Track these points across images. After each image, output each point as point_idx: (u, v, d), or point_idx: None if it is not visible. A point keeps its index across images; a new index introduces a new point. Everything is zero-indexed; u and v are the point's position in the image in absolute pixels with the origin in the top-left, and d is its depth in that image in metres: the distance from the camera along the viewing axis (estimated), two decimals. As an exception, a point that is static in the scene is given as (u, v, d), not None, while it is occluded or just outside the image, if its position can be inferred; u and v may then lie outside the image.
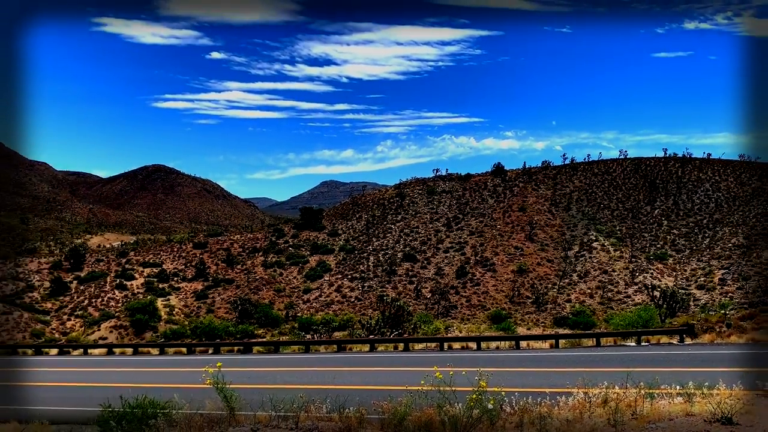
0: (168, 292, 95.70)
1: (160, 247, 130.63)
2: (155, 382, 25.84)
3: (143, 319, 76.92)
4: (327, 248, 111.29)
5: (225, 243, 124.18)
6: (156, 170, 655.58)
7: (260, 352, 40.13)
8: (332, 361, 32.41)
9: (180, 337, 61.34)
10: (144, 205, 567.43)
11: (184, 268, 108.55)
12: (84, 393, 25.88)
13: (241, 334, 60.29)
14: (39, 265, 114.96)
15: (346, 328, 58.52)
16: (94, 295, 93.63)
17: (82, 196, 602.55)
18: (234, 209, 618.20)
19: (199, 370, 25.16)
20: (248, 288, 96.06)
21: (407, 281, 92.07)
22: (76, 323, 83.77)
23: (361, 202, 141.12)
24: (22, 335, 77.37)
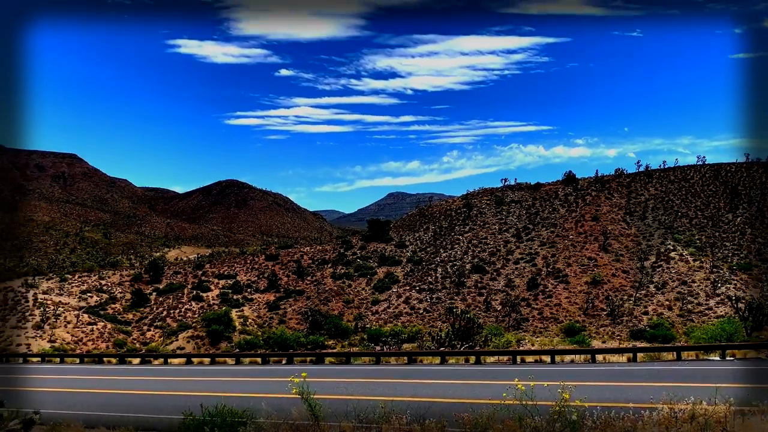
0: (242, 303, 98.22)
1: (233, 260, 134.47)
2: (239, 392, 26.59)
3: (218, 330, 79.16)
4: (394, 260, 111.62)
5: (295, 255, 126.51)
6: (229, 185, 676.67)
7: (332, 363, 40.61)
8: (405, 373, 32.45)
9: (254, 347, 62.86)
10: (218, 218, 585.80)
11: (257, 280, 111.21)
12: (168, 401, 26.88)
13: (312, 344, 61.24)
14: (121, 278, 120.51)
15: (415, 340, 58.50)
16: (172, 307, 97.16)
17: (160, 211, 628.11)
18: (303, 222, 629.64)
19: (278, 379, 25.79)
20: (318, 299, 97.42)
21: (476, 293, 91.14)
22: (155, 333, 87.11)
23: (428, 213, 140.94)
24: (106, 345, 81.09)
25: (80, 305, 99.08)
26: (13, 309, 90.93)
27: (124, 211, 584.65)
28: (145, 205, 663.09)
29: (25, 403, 20.82)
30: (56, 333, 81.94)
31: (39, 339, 79.41)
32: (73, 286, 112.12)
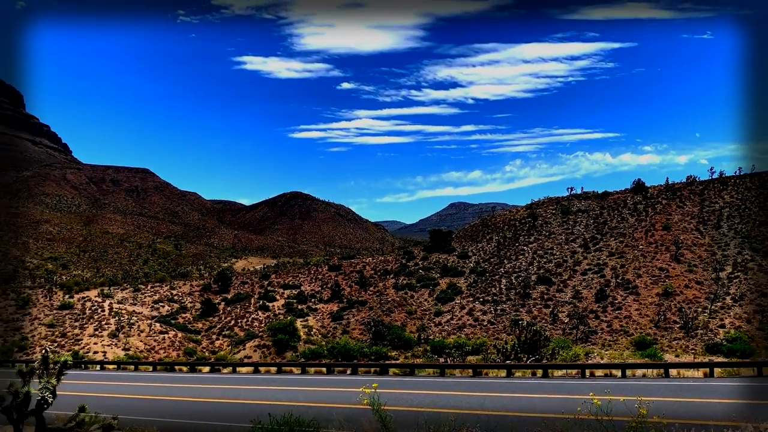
0: (306, 312, 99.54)
1: (298, 270, 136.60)
2: (307, 401, 26.90)
3: (284, 339, 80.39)
4: (457, 270, 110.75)
5: (358, 266, 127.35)
6: (293, 197, 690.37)
7: (396, 374, 40.54)
8: (471, 385, 32.04)
9: (318, 357, 63.48)
10: (283, 230, 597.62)
11: (321, 290, 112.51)
12: (237, 409, 27.44)
13: (375, 355, 61.29)
14: (191, 288, 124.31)
15: (479, 353, 57.69)
16: (239, 316, 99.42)
17: (227, 222, 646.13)
18: (365, 232, 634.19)
19: (344, 389, 25.96)
20: (381, 310, 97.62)
21: (542, 305, 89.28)
22: (223, 342, 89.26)
23: (491, 223, 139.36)
24: (177, 353, 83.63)
25: (153, 314, 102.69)
26: (91, 318, 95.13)
27: (194, 223, 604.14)
28: (213, 217, 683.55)
29: (103, 409, 21.67)
30: (130, 341, 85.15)
31: (114, 347, 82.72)
32: (146, 296, 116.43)
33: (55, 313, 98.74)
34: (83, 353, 77.08)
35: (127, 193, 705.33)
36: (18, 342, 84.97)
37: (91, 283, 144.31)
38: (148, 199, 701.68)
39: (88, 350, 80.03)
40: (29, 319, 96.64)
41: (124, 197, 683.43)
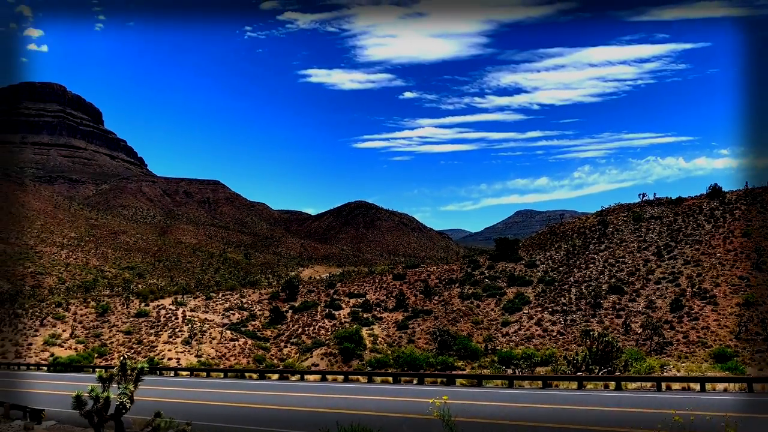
0: (371, 321, 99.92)
1: (363, 279, 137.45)
2: (375, 410, 26.89)
3: (350, 348, 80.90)
4: (525, 280, 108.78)
5: (422, 275, 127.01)
6: (358, 206, 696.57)
7: (463, 385, 40.04)
8: (541, 397, 31.27)
9: (384, 366, 63.52)
10: (348, 239, 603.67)
11: (386, 299, 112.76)
12: (306, 417, 27.70)
13: (441, 365, 60.80)
14: (260, 296, 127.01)
15: (548, 364, 56.34)
16: (306, 324, 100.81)
17: (294, 232, 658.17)
18: (429, 241, 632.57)
19: (411, 399, 25.78)
20: (446, 319, 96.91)
21: (614, 315, 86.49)
22: (291, 350, 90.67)
23: (559, 231, 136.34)
24: (247, 360, 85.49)
25: (223, 322, 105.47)
26: (165, 325, 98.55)
27: (262, 233, 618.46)
28: (281, 227, 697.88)
29: (178, 415, 22.31)
30: (203, 348, 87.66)
31: (187, 354, 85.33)
32: (217, 303, 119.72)
33: (132, 320, 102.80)
34: (158, 359, 79.79)
35: (199, 204, 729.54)
36: (98, 348, 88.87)
37: (165, 291, 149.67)
38: (219, 210, 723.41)
39: (162, 357, 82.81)
40: (108, 327, 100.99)
41: (196, 208, 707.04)
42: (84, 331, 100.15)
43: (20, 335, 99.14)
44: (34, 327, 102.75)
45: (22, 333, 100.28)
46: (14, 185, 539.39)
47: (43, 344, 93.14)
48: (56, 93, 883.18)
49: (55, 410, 30.49)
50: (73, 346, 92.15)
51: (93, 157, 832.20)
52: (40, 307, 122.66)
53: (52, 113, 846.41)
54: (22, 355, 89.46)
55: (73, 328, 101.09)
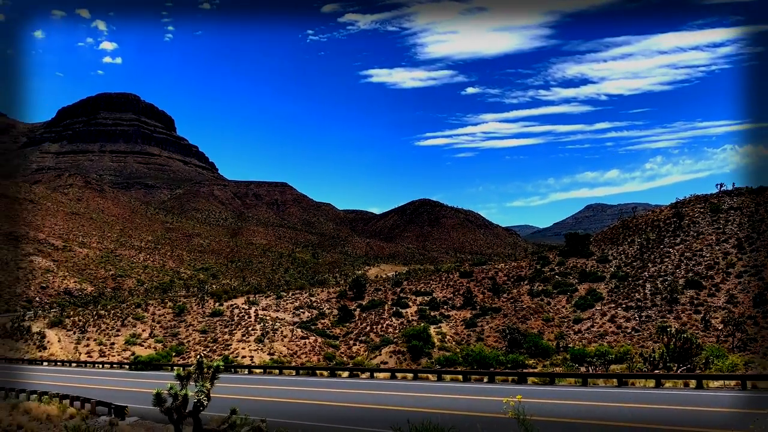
0: (439, 319, 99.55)
1: (429, 277, 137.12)
2: (446, 408, 26.76)
3: (418, 346, 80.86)
4: (597, 275, 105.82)
5: (490, 272, 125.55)
6: (422, 204, 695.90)
7: (535, 383, 39.31)
8: (617, 396, 30.30)
9: (453, 364, 63.13)
10: (413, 237, 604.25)
11: (453, 297, 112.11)
12: (377, 415, 27.83)
13: (511, 363, 59.91)
14: (328, 295, 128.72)
15: (623, 361, 54.61)
16: (374, 322, 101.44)
17: (360, 231, 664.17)
18: (496, 238, 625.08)
19: (483, 398, 25.45)
20: (516, 317, 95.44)
21: (692, 310, 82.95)
22: (360, 348, 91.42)
23: (632, 224, 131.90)
24: (317, 358, 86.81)
25: (294, 320, 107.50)
26: (238, 324, 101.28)
27: (329, 232, 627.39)
28: (346, 226, 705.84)
29: (252, 412, 22.82)
30: (274, 346, 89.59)
31: (260, 351, 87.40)
32: (287, 302, 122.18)
33: (207, 320, 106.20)
34: (232, 358, 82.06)
35: (268, 206, 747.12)
36: (175, 347, 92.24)
37: (238, 291, 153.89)
38: (286, 211, 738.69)
39: (236, 355, 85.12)
40: (184, 326, 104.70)
41: (266, 210, 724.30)
42: (162, 330, 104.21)
43: (103, 335, 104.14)
44: (116, 327, 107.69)
45: (105, 333, 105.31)
46: (95, 192, 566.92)
47: (124, 343, 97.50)
48: (131, 103, 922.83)
49: (137, 407, 31.77)
50: (152, 345, 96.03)
51: (167, 163, 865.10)
52: (121, 308, 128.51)
53: (127, 122, 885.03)
54: (106, 354, 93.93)
55: (152, 328, 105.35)
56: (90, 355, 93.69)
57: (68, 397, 35.94)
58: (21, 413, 33.92)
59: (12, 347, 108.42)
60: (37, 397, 37.80)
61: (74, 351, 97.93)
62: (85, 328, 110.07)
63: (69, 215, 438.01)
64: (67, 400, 35.35)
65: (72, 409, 33.11)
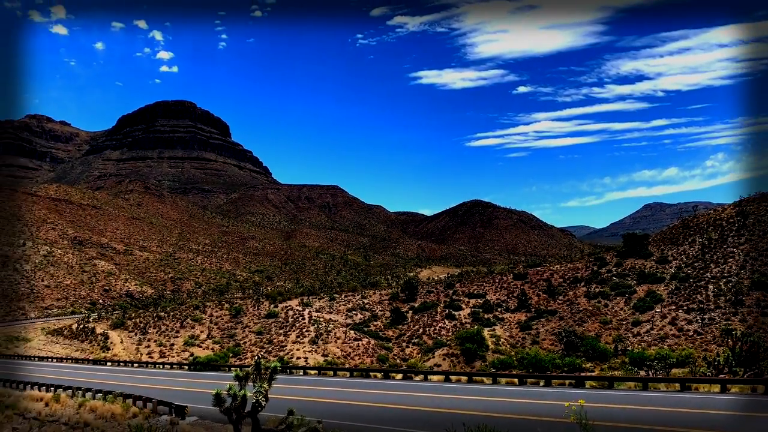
0: (493, 322, 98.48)
1: (482, 279, 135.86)
2: (503, 412, 26.43)
3: (472, 348, 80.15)
4: (656, 277, 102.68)
5: (545, 273, 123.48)
6: (474, 205, 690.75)
7: (593, 387, 38.44)
8: (680, 401, 29.32)
9: (508, 368, 62.38)
10: (465, 238, 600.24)
11: (507, 299, 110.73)
12: (433, 417, 27.71)
13: (568, 366, 58.79)
14: (380, 297, 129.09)
15: (685, 365, 52.91)
16: (427, 324, 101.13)
17: (411, 233, 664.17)
18: (551, 239, 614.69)
19: (540, 402, 25.07)
20: (572, 319, 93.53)
21: (759, 313, 79.48)
22: (413, 350, 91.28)
23: (693, 224, 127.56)
24: (371, 360, 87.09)
25: (347, 322, 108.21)
26: (293, 326, 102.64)
27: (380, 234, 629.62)
28: (398, 228, 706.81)
29: (309, 413, 23.06)
30: (328, 348, 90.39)
31: (314, 353, 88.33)
32: (340, 304, 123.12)
33: (263, 321, 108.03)
34: (287, 359, 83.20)
35: (320, 209, 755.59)
36: (232, 348, 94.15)
37: (292, 293, 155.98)
38: (338, 214, 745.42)
39: (291, 356, 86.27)
40: (241, 327, 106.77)
41: (318, 213, 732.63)
42: (219, 331, 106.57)
43: (163, 336, 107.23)
44: (175, 329, 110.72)
45: (165, 334, 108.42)
46: (154, 197, 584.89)
47: (183, 345, 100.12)
48: (187, 110, 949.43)
49: (197, 407, 32.50)
50: (210, 346, 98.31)
51: (222, 168, 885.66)
52: (180, 310, 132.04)
53: (184, 129, 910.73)
54: (166, 354, 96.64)
55: (210, 329, 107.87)
56: (150, 356, 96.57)
57: (131, 396, 37.09)
58: (87, 411, 35.25)
59: (78, 348, 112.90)
60: (102, 396, 39.15)
61: (136, 352, 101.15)
62: (145, 330, 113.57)
63: (130, 220, 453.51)
64: (130, 400, 36.48)
65: (135, 408, 34.16)
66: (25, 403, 40.88)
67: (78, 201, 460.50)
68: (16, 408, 40.38)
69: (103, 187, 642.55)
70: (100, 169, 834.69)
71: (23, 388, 49.56)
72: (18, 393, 46.57)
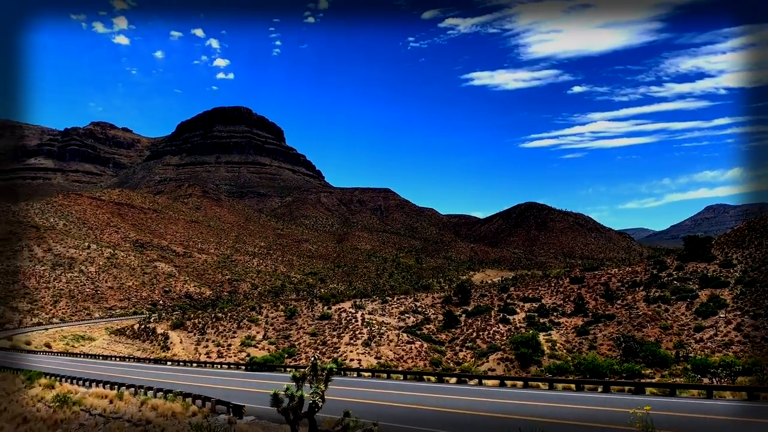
0: (548, 326, 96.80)
1: (537, 283, 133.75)
2: (561, 418, 25.97)
3: (527, 353, 78.96)
4: (720, 281, 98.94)
5: (602, 277, 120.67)
6: (528, 208, 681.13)
7: (654, 394, 37.29)
8: (747, 410, 28.15)
9: (564, 373, 61.14)
10: (519, 241, 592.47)
11: (563, 303, 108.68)
12: (490, 423, 27.44)
13: (627, 372, 57.21)
14: (433, 300, 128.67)
15: (752, 373, 50.66)
16: (480, 328, 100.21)
17: (463, 236, 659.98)
18: (608, 242, 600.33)
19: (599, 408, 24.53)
20: (631, 324, 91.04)
21: (833, 320, 75.66)
22: (467, 354, 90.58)
23: (759, 226, 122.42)
24: (423, 363, 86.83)
25: (399, 325, 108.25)
26: (346, 328, 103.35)
27: (432, 237, 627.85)
28: (450, 231, 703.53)
29: (364, 414, 23.17)
30: (381, 350, 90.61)
31: (367, 355, 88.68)
32: (392, 307, 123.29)
33: (317, 323, 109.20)
34: (341, 360, 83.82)
35: (371, 211, 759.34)
36: (287, 349, 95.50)
37: (345, 295, 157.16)
38: (390, 217, 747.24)
39: (344, 357, 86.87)
40: (295, 329, 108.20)
41: (369, 215, 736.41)
42: (275, 332, 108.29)
43: (221, 337, 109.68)
44: (233, 329, 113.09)
45: (222, 335, 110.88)
46: (212, 201, 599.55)
47: (240, 345, 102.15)
48: (243, 116, 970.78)
49: (254, 406, 33.07)
50: (265, 346, 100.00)
51: (277, 172, 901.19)
52: (237, 311, 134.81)
53: (240, 134, 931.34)
54: (223, 354, 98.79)
55: (266, 330, 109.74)
56: (209, 356, 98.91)
57: (190, 395, 38.04)
58: (149, 409, 36.37)
59: (139, 347, 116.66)
60: (163, 394, 40.30)
61: (194, 352, 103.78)
62: (204, 330, 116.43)
63: (189, 223, 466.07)
64: (190, 399, 37.42)
65: (194, 407, 35.01)
66: (91, 400, 42.50)
67: (139, 205, 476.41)
68: (82, 404, 42.06)
69: (163, 191, 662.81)
70: (161, 174, 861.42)
71: (89, 385, 51.52)
72: (84, 390, 48.45)
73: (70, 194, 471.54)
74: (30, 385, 55.86)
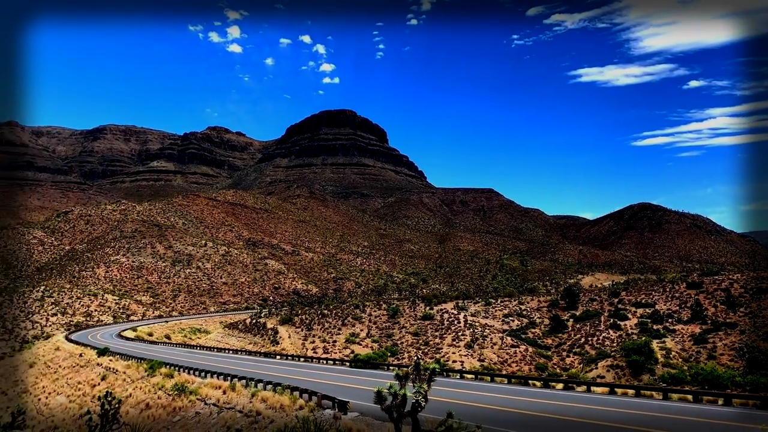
0: (663, 333, 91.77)
1: (651, 287, 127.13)
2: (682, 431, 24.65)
3: (639, 361, 75.27)
4: None
5: (723, 283, 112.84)
6: (641, 209, 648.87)
7: (784, 410, 34.44)
8: None
9: (679, 383, 57.74)
10: (631, 244, 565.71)
11: (679, 310, 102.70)
12: (598, 430, 26.46)
13: (751, 385, 53.14)
14: (538, 303, 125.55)
15: None
16: (589, 334, 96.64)
17: (571, 238, 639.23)
18: (729, 245, 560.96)
19: (722, 422, 23.11)
20: (756, 334, 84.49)
21: None
22: (574, 360, 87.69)
23: None
24: (528, 368, 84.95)
25: (503, 328, 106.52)
26: (448, 329, 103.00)
27: (538, 239, 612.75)
28: (557, 232, 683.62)
29: (466, 417, 23.00)
30: (484, 353, 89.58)
31: (470, 357, 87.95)
32: (496, 309, 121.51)
33: (419, 323, 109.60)
34: (444, 361, 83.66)
35: (474, 212, 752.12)
36: (390, 347, 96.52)
37: (447, 296, 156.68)
38: (493, 218, 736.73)
39: (447, 359, 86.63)
40: (398, 328, 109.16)
41: (472, 216, 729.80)
42: (378, 331, 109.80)
43: (327, 333, 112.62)
44: (338, 326, 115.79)
45: (328, 331, 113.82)
46: (318, 202, 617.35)
47: (344, 342, 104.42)
48: (348, 118, 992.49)
49: (357, 403, 33.63)
50: (368, 344, 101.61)
51: (380, 173, 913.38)
52: (342, 308, 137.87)
53: (345, 136, 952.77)
54: (329, 350, 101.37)
55: (369, 328, 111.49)
56: (315, 351, 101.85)
57: (298, 389, 39.29)
58: (259, 401, 37.96)
59: (251, 341, 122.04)
60: (273, 387, 41.90)
61: (302, 347, 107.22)
62: (311, 326, 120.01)
63: (297, 223, 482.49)
64: (297, 392, 38.65)
65: (301, 401, 36.13)
66: (206, 390, 44.97)
67: (252, 205, 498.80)
68: (198, 394, 44.61)
69: (274, 192, 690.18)
70: (271, 175, 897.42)
71: (204, 376, 54.48)
72: (200, 380, 51.34)
73: (188, 195, 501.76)
74: (152, 374, 60.01)
